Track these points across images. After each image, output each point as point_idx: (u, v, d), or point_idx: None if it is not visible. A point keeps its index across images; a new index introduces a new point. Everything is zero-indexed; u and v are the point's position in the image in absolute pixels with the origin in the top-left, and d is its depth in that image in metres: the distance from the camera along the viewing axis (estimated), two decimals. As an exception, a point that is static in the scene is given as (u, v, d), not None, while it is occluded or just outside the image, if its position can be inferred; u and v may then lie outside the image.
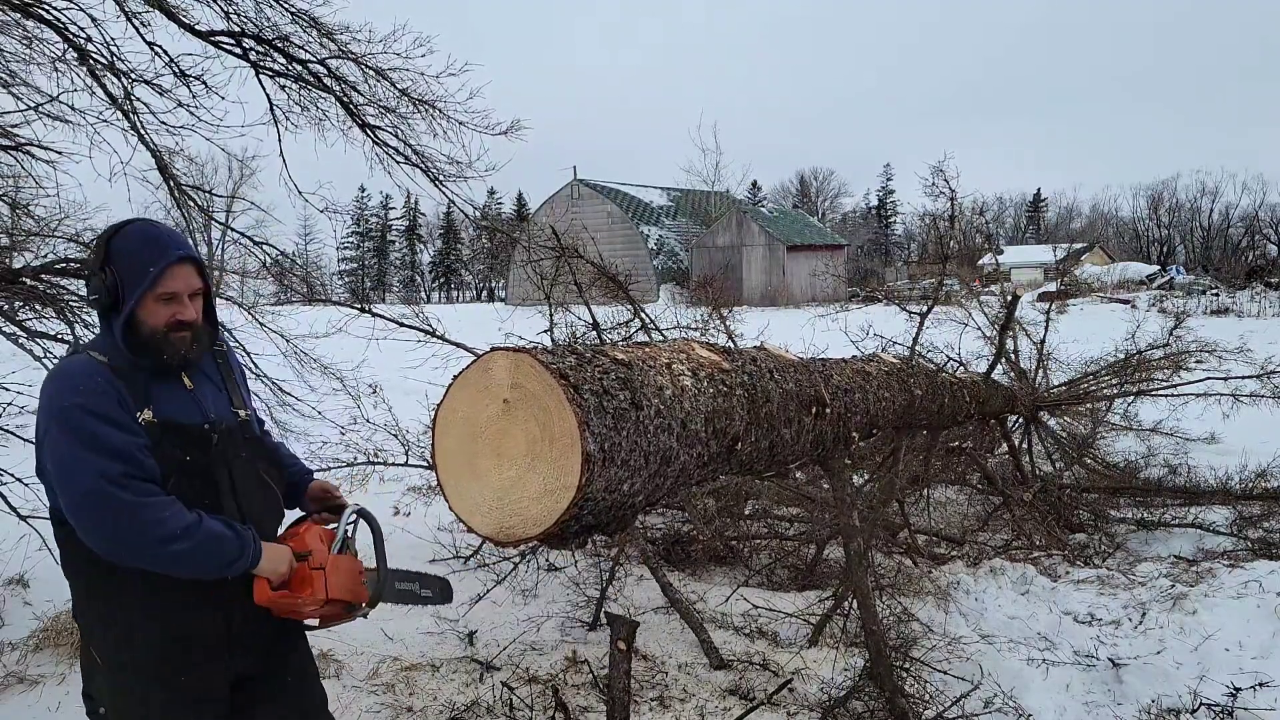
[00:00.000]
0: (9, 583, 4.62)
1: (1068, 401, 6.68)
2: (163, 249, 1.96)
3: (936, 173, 5.53)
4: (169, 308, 1.96)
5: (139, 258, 1.94)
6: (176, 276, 1.96)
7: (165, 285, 1.95)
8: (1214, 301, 25.31)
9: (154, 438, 1.91)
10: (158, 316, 1.95)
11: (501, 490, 1.82)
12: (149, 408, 1.92)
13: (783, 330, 6.16)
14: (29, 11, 4.28)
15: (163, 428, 1.93)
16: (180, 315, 1.97)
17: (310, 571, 2.00)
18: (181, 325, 1.97)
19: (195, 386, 2.04)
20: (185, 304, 1.98)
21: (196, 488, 1.95)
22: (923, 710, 3.34)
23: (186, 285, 1.98)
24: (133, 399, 1.91)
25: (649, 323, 5.00)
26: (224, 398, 2.11)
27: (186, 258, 1.98)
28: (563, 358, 1.89)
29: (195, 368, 2.07)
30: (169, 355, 1.97)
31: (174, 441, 1.94)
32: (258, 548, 1.93)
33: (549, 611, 4.53)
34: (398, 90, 5.22)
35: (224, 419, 2.06)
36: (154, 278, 1.93)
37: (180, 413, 1.98)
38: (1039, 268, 40.41)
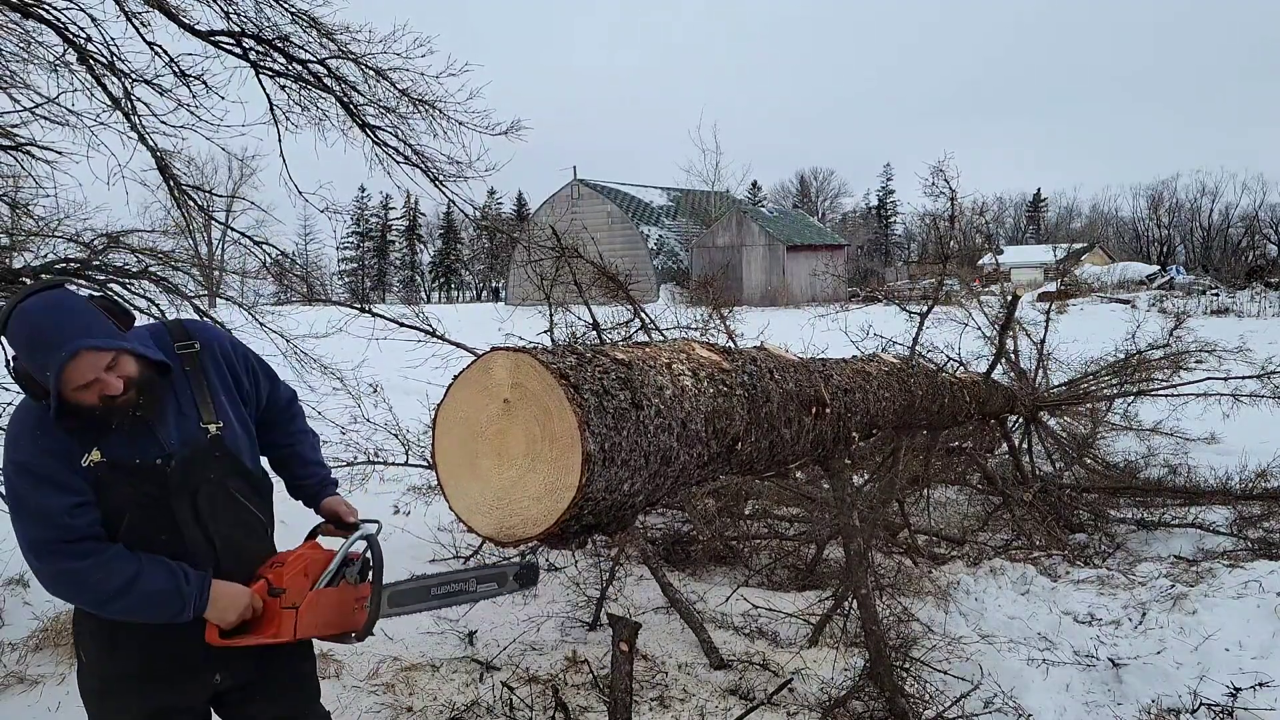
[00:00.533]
0: (9, 583, 4.62)
1: (1068, 401, 6.68)
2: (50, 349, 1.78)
3: (936, 173, 5.53)
4: (90, 391, 1.82)
5: (35, 363, 1.81)
6: (78, 370, 1.79)
7: (72, 380, 1.80)
8: (1214, 301, 25.30)
9: (102, 478, 1.86)
10: (87, 399, 1.83)
11: (502, 490, 1.82)
12: (97, 448, 1.86)
13: (783, 330, 6.16)
14: (29, 12, 4.28)
15: (111, 467, 1.87)
16: (105, 392, 1.83)
17: (281, 610, 1.95)
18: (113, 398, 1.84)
19: (154, 416, 1.92)
20: (106, 381, 1.82)
21: (154, 522, 1.91)
22: (923, 710, 3.34)
23: (94, 368, 1.81)
24: (79, 443, 1.86)
25: (649, 323, 5.00)
26: (189, 418, 1.98)
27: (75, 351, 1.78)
28: (563, 358, 1.89)
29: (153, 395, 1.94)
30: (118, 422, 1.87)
31: (126, 480, 1.88)
32: (201, 601, 1.88)
33: (549, 611, 4.53)
34: (398, 90, 5.23)
35: (186, 445, 1.95)
36: (55, 380, 1.78)
37: (132, 451, 1.90)
38: (1039, 268, 40.41)
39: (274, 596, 1.96)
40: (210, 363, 2.06)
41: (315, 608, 1.97)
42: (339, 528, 2.22)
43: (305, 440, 2.30)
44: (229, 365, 2.10)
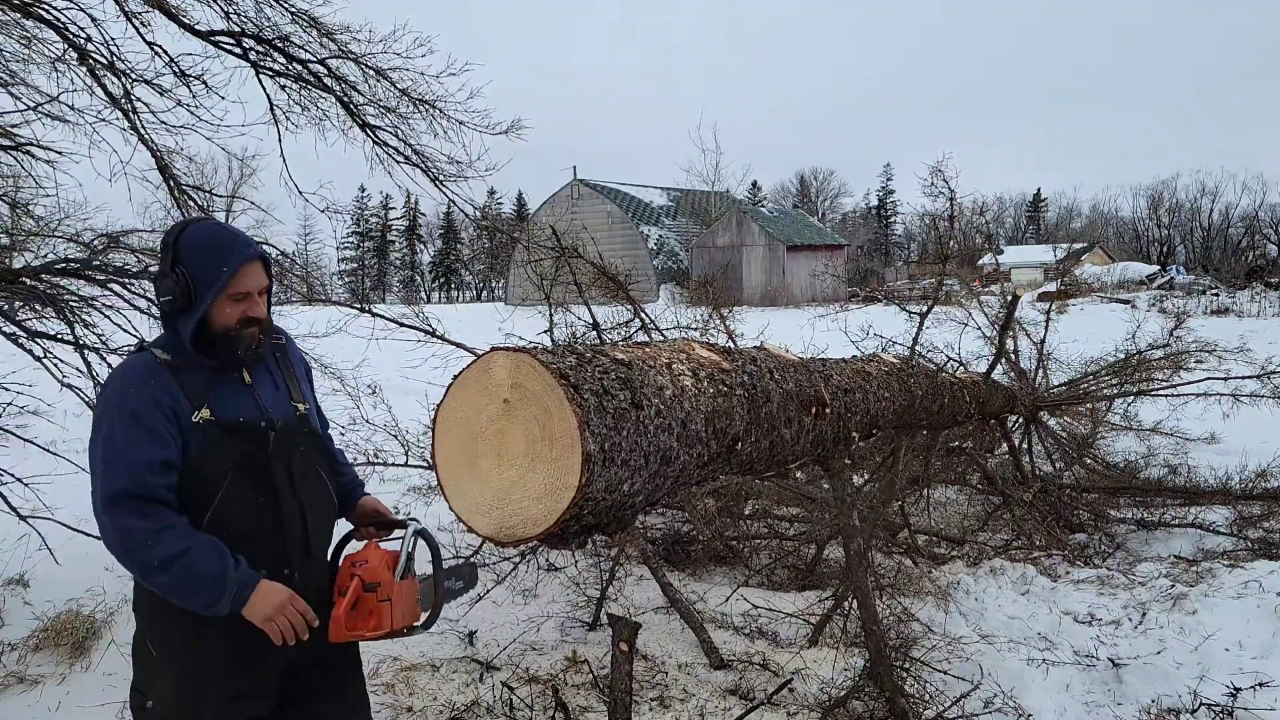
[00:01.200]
0: (9, 583, 4.62)
1: (1068, 401, 6.68)
2: (235, 248, 1.99)
3: (936, 173, 5.53)
4: (240, 305, 2.00)
5: (211, 258, 1.97)
6: (248, 275, 2.00)
7: (238, 285, 1.98)
8: (1214, 301, 25.30)
9: (210, 436, 1.94)
10: (230, 315, 1.99)
11: (502, 490, 1.82)
12: (206, 407, 1.95)
13: (783, 330, 6.16)
14: (29, 11, 4.27)
15: (220, 426, 1.96)
16: (251, 312, 2.01)
17: (378, 604, 2.03)
18: (251, 321, 2.01)
19: (254, 383, 2.07)
20: (256, 301, 2.02)
21: (254, 483, 1.99)
22: (923, 710, 3.34)
23: (257, 283, 2.02)
24: (189, 400, 1.94)
25: (649, 323, 5.00)
26: (283, 393, 2.13)
27: (256, 256, 2.02)
28: (563, 358, 1.89)
29: (256, 363, 2.09)
30: (242, 351, 2.00)
31: (231, 440, 1.97)
32: (244, 594, 1.89)
33: (549, 611, 4.53)
34: (398, 90, 5.22)
35: (282, 415, 2.08)
36: (228, 277, 1.96)
37: (239, 410, 2.00)
38: (1039, 268, 40.41)
39: (370, 592, 2.03)
40: (294, 357, 2.25)
41: (402, 599, 2.06)
42: (380, 527, 2.29)
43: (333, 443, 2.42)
44: (303, 366, 2.30)
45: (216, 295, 1.96)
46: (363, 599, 2.03)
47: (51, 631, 4.02)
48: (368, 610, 2.04)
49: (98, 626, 4.10)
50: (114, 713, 3.46)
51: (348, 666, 2.23)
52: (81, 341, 4.38)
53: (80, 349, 4.39)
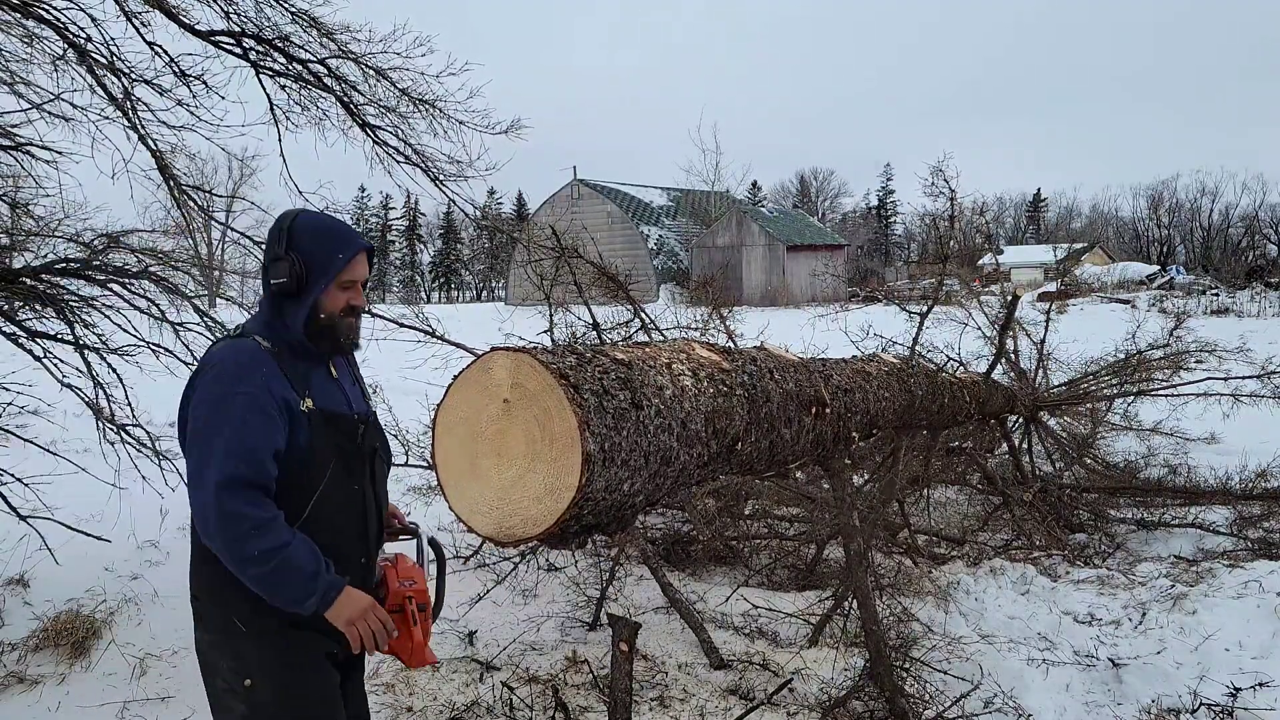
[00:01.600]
0: (9, 583, 4.62)
1: (1068, 401, 6.68)
2: (349, 238, 2.06)
3: (936, 173, 5.53)
4: (346, 294, 2.05)
5: (327, 245, 2.03)
6: (359, 264, 2.07)
7: (350, 273, 2.04)
8: (1214, 301, 25.30)
9: (315, 424, 1.98)
10: (337, 302, 2.04)
11: (502, 490, 1.82)
12: (309, 396, 2.00)
13: (783, 330, 6.16)
14: (29, 11, 4.27)
15: (323, 415, 2.01)
16: (354, 301, 2.07)
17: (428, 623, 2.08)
18: (354, 311, 2.08)
19: (339, 376, 2.13)
20: (359, 291, 2.08)
21: (352, 472, 2.05)
22: (923, 710, 3.34)
23: (364, 273, 2.09)
24: (295, 388, 1.98)
25: (649, 323, 5.00)
26: (358, 388, 2.20)
27: (366, 246, 2.09)
28: (563, 358, 1.89)
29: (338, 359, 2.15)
30: (345, 339, 2.07)
31: (332, 430, 2.02)
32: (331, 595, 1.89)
33: (549, 611, 4.53)
34: (398, 90, 5.22)
35: (363, 409, 2.15)
36: (343, 264, 2.02)
37: (334, 402, 2.07)
38: (1039, 268, 40.42)
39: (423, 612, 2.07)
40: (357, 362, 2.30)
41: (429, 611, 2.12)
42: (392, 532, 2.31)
43: None
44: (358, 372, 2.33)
45: (329, 282, 2.01)
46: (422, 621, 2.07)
47: (51, 631, 4.01)
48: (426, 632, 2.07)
49: (98, 626, 4.10)
50: (114, 713, 3.47)
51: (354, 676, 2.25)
52: (81, 341, 4.37)
53: (80, 349, 4.39)
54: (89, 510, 5.00)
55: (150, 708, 3.51)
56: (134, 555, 5.09)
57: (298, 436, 1.95)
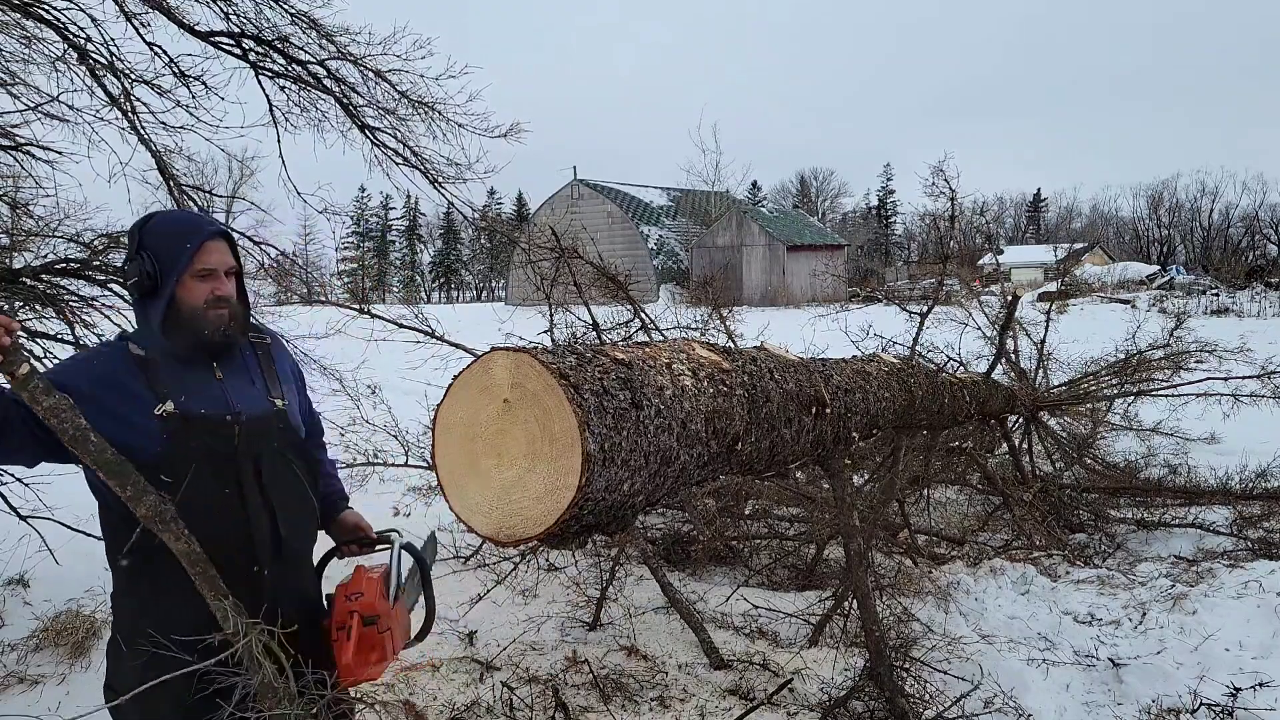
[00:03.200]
0: (9, 583, 4.62)
1: (1068, 401, 6.68)
2: (196, 226, 2.02)
3: (936, 173, 5.53)
4: (206, 284, 1.99)
5: (174, 237, 1.98)
6: (212, 251, 2.00)
7: (202, 261, 1.98)
8: (1214, 301, 25.32)
9: (173, 429, 1.93)
10: (197, 294, 1.98)
11: (502, 490, 1.82)
12: (171, 400, 1.94)
13: (783, 330, 6.16)
14: (29, 11, 4.28)
15: (184, 419, 1.94)
16: (218, 290, 2.00)
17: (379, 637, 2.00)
18: (220, 301, 2.00)
19: (226, 377, 2.05)
20: (222, 280, 2.01)
21: (220, 477, 1.97)
22: (923, 710, 3.34)
23: (221, 261, 2.02)
24: (154, 392, 1.93)
25: (649, 323, 5.00)
26: (258, 388, 2.11)
27: (219, 233, 2.03)
28: (563, 357, 1.88)
29: (232, 357, 2.08)
30: (209, 332, 1.99)
31: (196, 432, 1.95)
32: None
33: (549, 611, 4.53)
34: (397, 92, 5.23)
35: (253, 409, 2.05)
36: (191, 254, 1.96)
37: (204, 404, 1.98)
38: (1039, 268, 40.42)
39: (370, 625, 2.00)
40: (278, 355, 2.23)
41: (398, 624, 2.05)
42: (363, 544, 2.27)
43: (326, 454, 2.41)
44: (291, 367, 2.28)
45: (181, 273, 1.96)
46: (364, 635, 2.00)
47: (51, 631, 4.02)
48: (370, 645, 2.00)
49: (98, 626, 4.11)
50: (114, 713, 3.47)
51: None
52: (81, 341, 4.38)
53: (80, 349, 4.39)
54: (89, 510, 4.99)
55: (150, 708, 3.51)
56: (134, 556, 5.09)
57: (153, 442, 1.91)
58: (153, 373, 1.95)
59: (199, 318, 1.98)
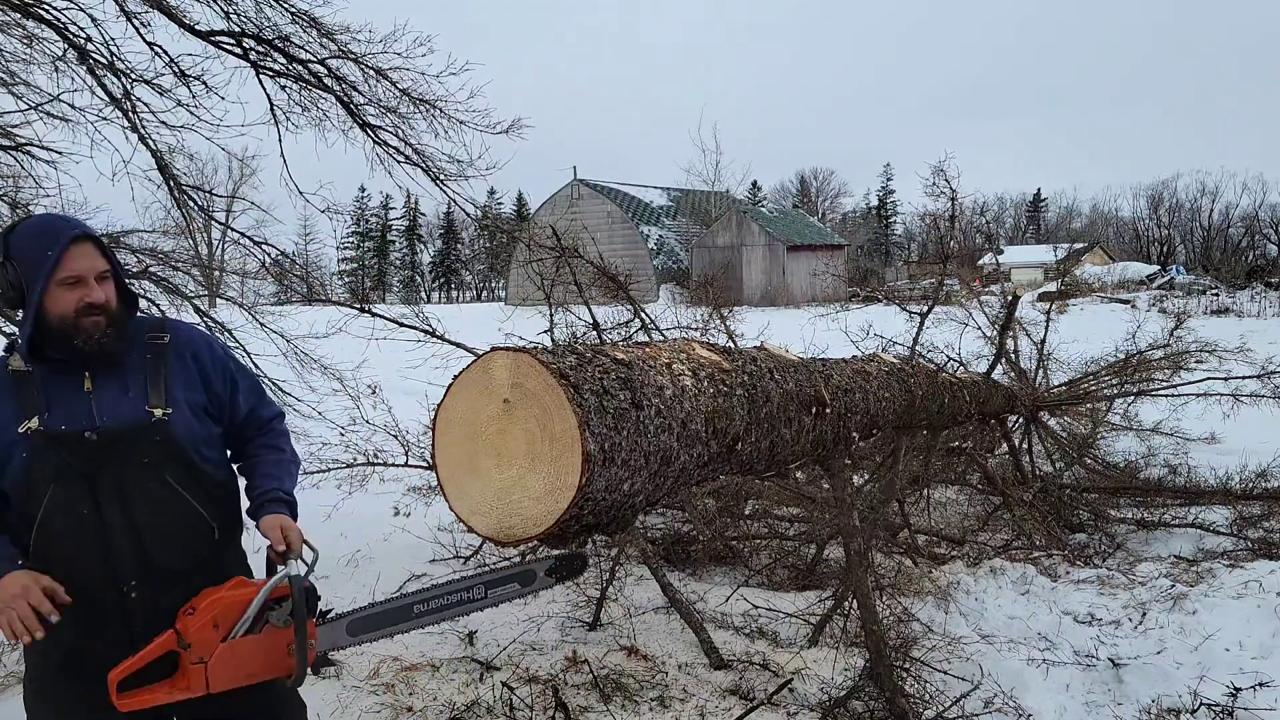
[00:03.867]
0: (9, 583, 4.62)
1: (1068, 401, 6.68)
2: (57, 232, 1.90)
3: (937, 172, 5.54)
4: (75, 292, 1.89)
5: (36, 246, 1.88)
6: (76, 257, 1.89)
7: (66, 268, 1.88)
8: (1214, 301, 25.31)
9: (34, 446, 1.87)
10: (65, 303, 1.88)
11: (502, 490, 1.82)
12: (39, 416, 1.88)
13: (783, 330, 6.16)
14: (29, 11, 4.28)
15: (45, 436, 1.88)
16: (88, 298, 1.89)
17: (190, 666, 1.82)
18: (92, 309, 1.90)
19: (96, 388, 1.94)
20: (91, 286, 1.90)
21: (76, 494, 1.89)
22: (923, 710, 3.34)
23: (90, 266, 1.91)
24: (23, 407, 1.89)
25: (649, 323, 5.00)
26: (132, 398, 1.96)
27: (84, 236, 1.92)
28: (563, 357, 1.89)
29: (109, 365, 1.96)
30: (81, 343, 1.89)
31: (51, 450, 1.88)
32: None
33: (549, 611, 4.53)
34: (398, 90, 5.23)
35: (119, 421, 1.92)
36: (53, 262, 1.86)
37: (65, 419, 1.90)
38: (1039, 268, 40.36)
39: (184, 649, 1.84)
40: (175, 357, 2.04)
41: (229, 660, 1.84)
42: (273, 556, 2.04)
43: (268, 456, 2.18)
44: (199, 365, 2.08)
45: (46, 283, 1.86)
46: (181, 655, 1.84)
47: (52, 631, 4.01)
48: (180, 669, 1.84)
49: (98, 626, 4.10)
50: (114, 713, 3.46)
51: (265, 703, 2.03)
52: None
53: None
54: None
55: (150, 708, 3.51)
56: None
57: (16, 460, 1.88)
58: (26, 388, 1.89)
59: (69, 327, 1.89)
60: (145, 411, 1.95)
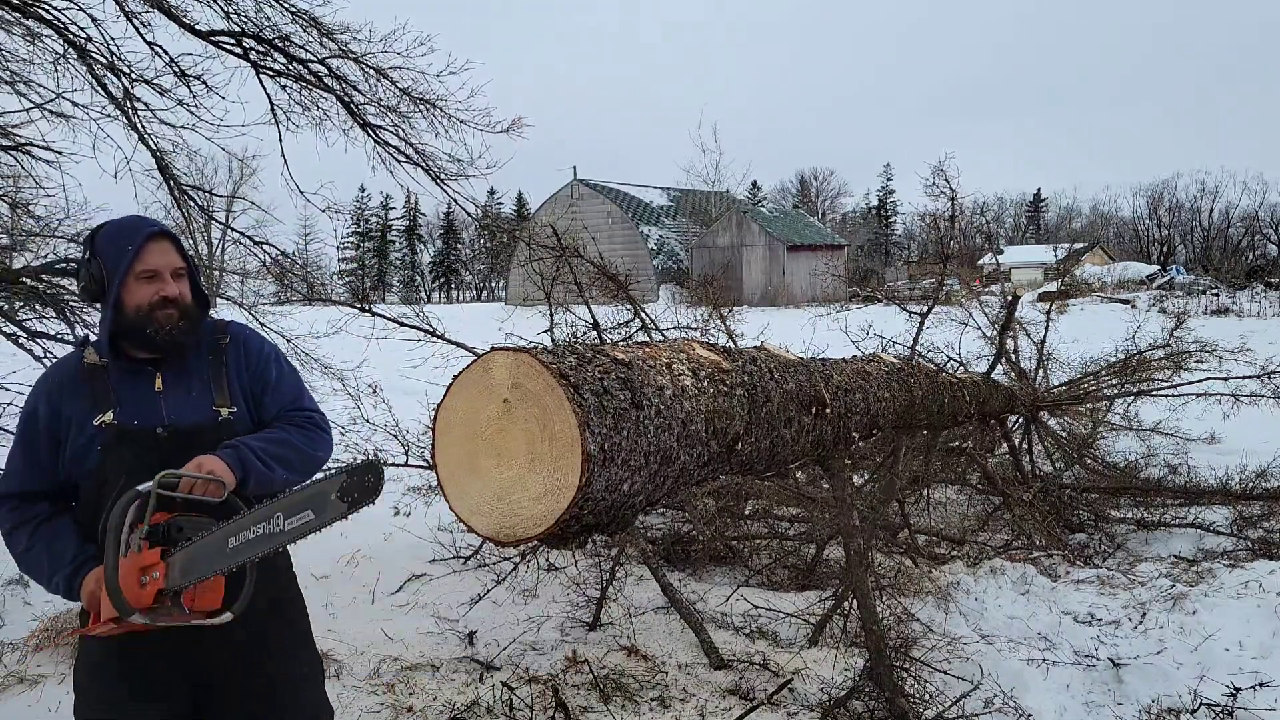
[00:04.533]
0: (9, 583, 4.62)
1: (1068, 401, 6.68)
2: (136, 228, 2.02)
3: (937, 172, 5.54)
4: (151, 286, 1.99)
5: (117, 241, 1.99)
6: (153, 252, 2.00)
7: (144, 262, 1.99)
8: (1214, 301, 25.31)
9: (107, 440, 1.96)
10: (141, 296, 1.99)
11: (502, 490, 1.82)
12: (112, 410, 1.98)
13: (783, 330, 6.16)
14: (29, 11, 4.28)
15: (119, 431, 1.97)
16: (163, 292, 2.00)
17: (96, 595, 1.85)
18: (166, 302, 2.00)
19: (166, 387, 2.04)
20: (167, 281, 2.01)
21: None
22: (923, 710, 3.34)
23: (165, 261, 2.02)
24: (96, 402, 1.98)
25: (649, 323, 5.00)
26: (201, 398, 2.06)
27: (161, 233, 2.03)
28: (563, 357, 1.88)
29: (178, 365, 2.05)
30: (154, 333, 1.99)
31: (128, 444, 1.97)
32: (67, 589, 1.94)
33: (549, 611, 4.53)
34: (398, 89, 5.23)
35: (189, 420, 2.02)
36: (131, 256, 1.97)
37: (137, 415, 1.99)
38: (1039, 268, 40.36)
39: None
40: (234, 357, 2.16)
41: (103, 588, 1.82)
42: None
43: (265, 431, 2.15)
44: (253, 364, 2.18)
45: (124, 276, 1.97)
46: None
47: (51, 631, 4.01)
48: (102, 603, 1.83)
49: (98, 626, 4.10)
50: (114, 712, 3.46)
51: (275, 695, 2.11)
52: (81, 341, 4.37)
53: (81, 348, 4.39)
54: (89, 510, 4.99)
55: (150, 707, 3.51)
56: (134, 555, 5.09)
57: (89, 452, 1.97)
58: (99, 381, 1.99)
59: (144, 319, 1.99)
60: (213, 411, 2.07)
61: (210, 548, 1.82)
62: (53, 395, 2.00)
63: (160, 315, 1.99)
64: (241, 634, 2.01)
